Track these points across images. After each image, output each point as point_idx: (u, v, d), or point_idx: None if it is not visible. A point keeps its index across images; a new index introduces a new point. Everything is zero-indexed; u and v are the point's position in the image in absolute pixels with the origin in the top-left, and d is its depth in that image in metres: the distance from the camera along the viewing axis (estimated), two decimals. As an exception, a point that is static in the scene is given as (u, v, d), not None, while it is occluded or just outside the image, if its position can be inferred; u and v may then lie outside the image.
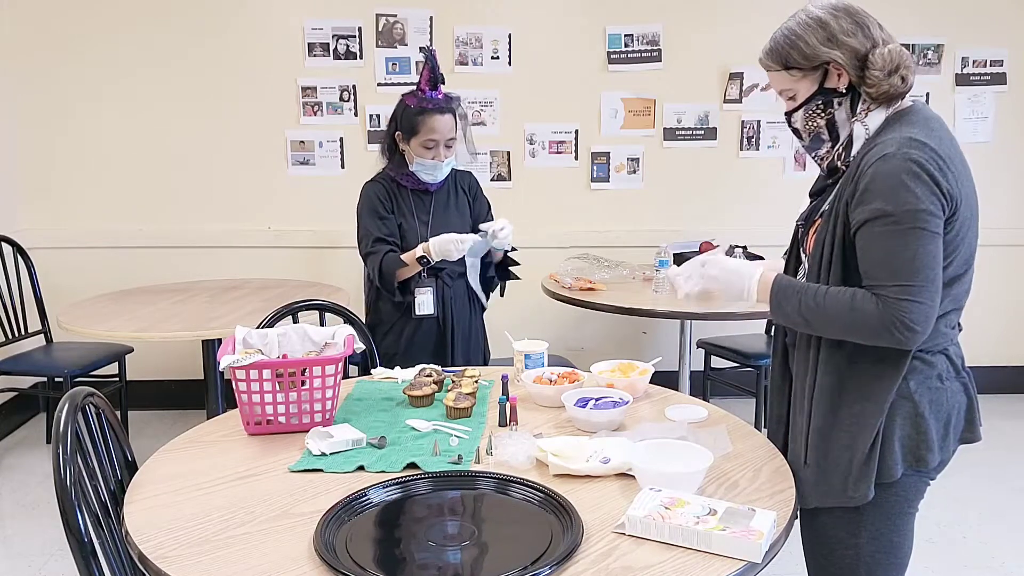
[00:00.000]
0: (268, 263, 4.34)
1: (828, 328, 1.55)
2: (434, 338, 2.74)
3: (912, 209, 1.43)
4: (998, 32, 4.34)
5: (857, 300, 1.49)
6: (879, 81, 1.54)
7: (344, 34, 4.23)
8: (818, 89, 1.60)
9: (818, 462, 1.60)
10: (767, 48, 1.64)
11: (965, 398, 1.62)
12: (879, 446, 1.54)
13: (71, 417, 1.53)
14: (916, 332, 1.46)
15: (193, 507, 1.49)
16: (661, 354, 2.83)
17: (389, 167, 2.71)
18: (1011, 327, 4.59)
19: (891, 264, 1.46)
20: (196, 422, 2.05)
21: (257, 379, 1.78)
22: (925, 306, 1.45)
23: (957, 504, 3.34)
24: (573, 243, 4.29)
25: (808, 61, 1.58)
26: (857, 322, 1.49)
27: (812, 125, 1.64)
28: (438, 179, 2.67)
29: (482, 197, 2.87)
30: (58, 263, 4.31)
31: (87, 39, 4.18)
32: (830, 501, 1.59)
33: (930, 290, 1.45)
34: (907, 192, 1.44)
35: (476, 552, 1.33)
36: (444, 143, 2.59)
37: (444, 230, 2.67)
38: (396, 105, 2.67)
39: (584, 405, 1.87)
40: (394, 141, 2.67)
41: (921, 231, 1.44)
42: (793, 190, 4.39)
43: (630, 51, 4.30)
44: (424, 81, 2.60)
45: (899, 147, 1.47)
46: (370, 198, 2.69)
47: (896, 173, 1.45)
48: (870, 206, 1.47)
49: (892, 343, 1.48)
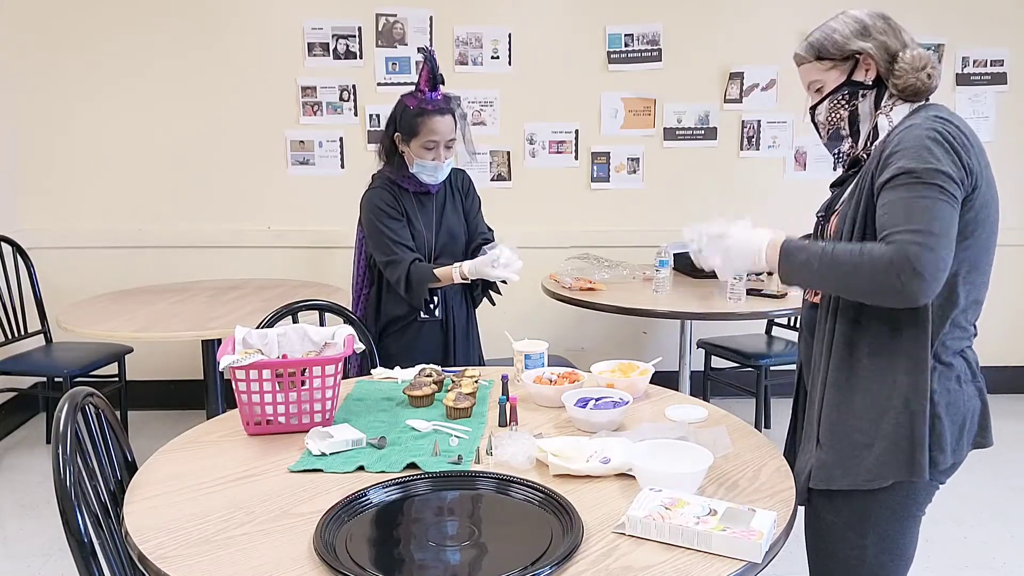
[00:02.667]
0: (268, 263, 4.34)
1: (837, 279, 1.50)
2: (437, 339, 2.74)
3: (933, 168, 1.46)
4: (998, 32, 4.34)
5: (867, 247, 1.48)
6: (907, 74, 1.59)
7: (344, 34, 4.23)
8: (845, 81, 1.64)
9: (833, 444, 1.59)
10: (804, 43, 1.69)
11: (979, 402, 1.62)
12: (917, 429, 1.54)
13: (71, 417, 1.53)
14: (922, 279, 1.40)
15: (193, 507, 1.49)
16: (661, 354, 2.83)
17: (388, 169, 2.67)
18: (1013, 327, 4.59)
19: (907, 212, 1.45)
20: (196, 422, 2.05)
21: (257, 379, 1.78)
22: (935, 255, 1.41)
23: (957, 504, 3.34)
24: (573, 243, 4.29)
25: (839, 50, 1.63)
26: (867, 267, 1.44)
27: (834, 117, 1.67)
28: (439, 180, 2.65)
29: (474, 193, 2.83)
30: (58, 263, 4.31)
31: (87, 39, 4.18)
32: (843, 482, 1.58)
33: (943, 243, 1.43)
34: (928, 153, 1.47)
35: (476, 552, 1.33)
36: (444, 144, 2.57)
37: (447, 232, 2.68)
38: (395, 106, 2.63)
39: (584, 405, 1.87)
40: (393, 143, 2.64)
41: (940, 189, 1.45)
42: (793, 190, 4.41)
43: (630, 51, 4.30)
44: (424, 82, 2.57)
45: (925, 120, 1.52)
46: (379, 205, 2.62)
47: (920, 138, 1.49)
48: (894, 166, 1.49)
49: (896, 290, 1.42)
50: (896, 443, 1.54)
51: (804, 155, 4.39)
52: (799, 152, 4.39)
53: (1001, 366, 4.59)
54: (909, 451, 1.54)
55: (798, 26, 4.27)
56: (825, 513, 1.64)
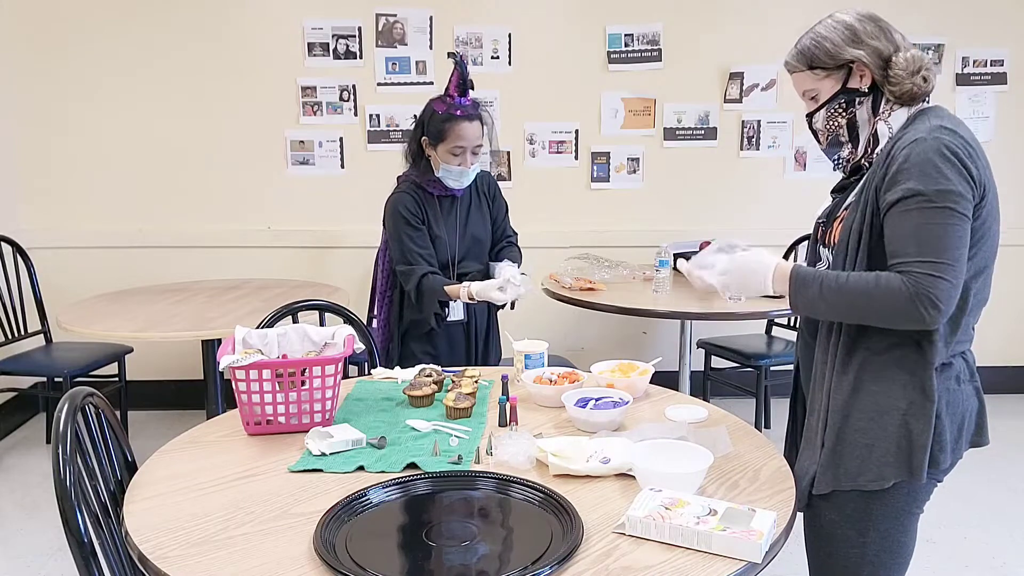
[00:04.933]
0: (268, 263, 4.34)
1: (850, 310, 1.53)
2: (460, 342, 2.75)
3: (943, 189, 1.45)
4: (998, 32, 4.34)
5: (882, 279, 1.49)
6: (902, 80, 1.57)
7: (344, 34, 4.23)
8: (841, 89, 1.62)
9: (836, 447, 1.59)
10: (793, 51, 1.68)
11: (976, 402, 1.63)
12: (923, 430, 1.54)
13: (71, 417, 1.52)
14: (940, 309, 1.45)
15: (193, 507, 1.49)
16: (661, 354, 2.83)
17: (414, 173, 2.67)
18: (1013, 327, 4.58)
19: (920, 241, 1.46)
20: (196, 422, 2.05)
21: (257, 379, 1.78)
22: (950, 284, 1.45)
23: (957, 504, 3.34)
24: (573, 243, 4.29)
25: (832, 60, 1.61)
26: (882, 300, 1.48)
27: (832, 125, 1.66)
28: (464, 185, 2.65)
29: (501, 199, 2.83)
30: (58, 263, 4.31)
31: (87, 39, 4.18)
32: (846, 484, 1.58)
33: (956, 269, 1.46)
34: (938, 174, 1.46)
35: (476, 552, 1.33)
36: (471, 150, 2.57)
37: (471, 236, 2.69)
38: (423, 110, 2.62)
39: (584, 405, 1.87)
40: (420, 146, 2.63)
41: (951, 211, 1.45)
42: (793, 190, 4.41)
43: (630, 51, 4.30)
44: (453, 87, 2.57)
45: (930, 132, 1.50)
46: (401, 211, 2.62)
47: (928, 155, 1.47)
48: (902, 186, 1.48)
49: (915, 321, 1.47)
50: (899, 444, 1.55)
51: (804, 155, 4.39)
52: (799, 152, 4.39)
53: (1001, 366, 4.59)
54: (911, 452, 1.54)
55: (798, 26, 4.23)
56: (826, 512, 1.64)
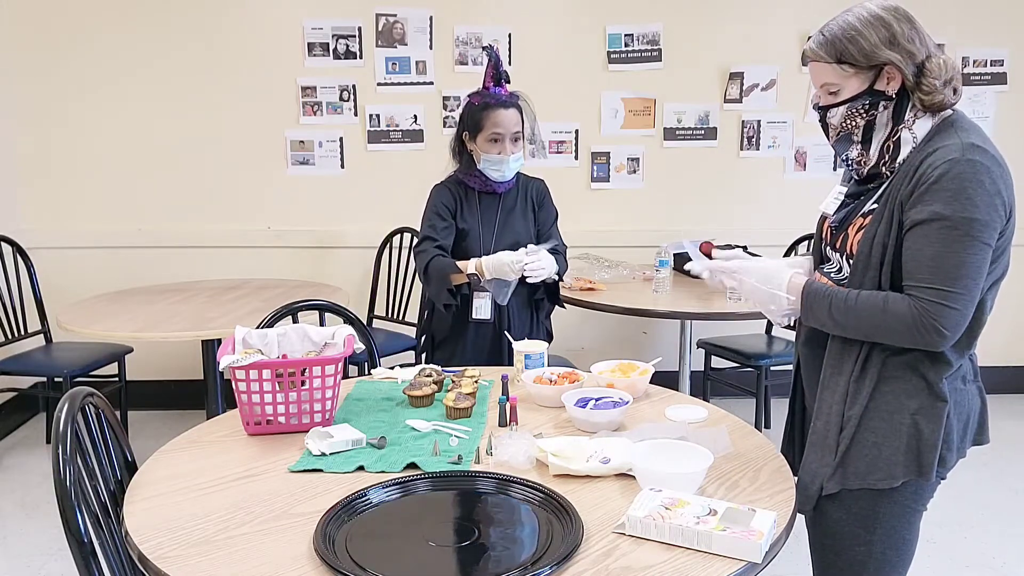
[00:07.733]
0: (268, 263, 4.34)
1: (859, 329, 1.55)
2: (489, 343, 2.69)
3: (969, 217, 1.43)
4: (998, 32, 4.34)
5: (890, 302, 1.50)
6: (935, 90, 1.51)
7: (344, 34, 4.23)
8: (867, 90, 1.55)
9: (847, 448, 1.59)
10: (820, 39, 1.56)
11: (980, 401, 1.64)
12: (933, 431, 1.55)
13: (71, 417, 1.52)
14: (945, 337, 1.47)
15: (193, 507, 1.49)
16: (661, 354, 2.83)
17: (458, 170, 2.68)
18: (1014, 328, 4.58)
19: (935, 266, 1.45)
20: (196, 422, 2.05)
21: (257, 379, 1.78)
22: (958, 313, 1.46)
23: (957, 504, 3.34)
24: (573, 243, 4.26)
25: (866, 59, 1.52)
26: (888, 323, 1.50)
27: (849, 124, 1.59)
28: (506, 176, 2.63)
29: (549, 206, 2.82)
30: (58, 263, 4.30)
31: (86, 39, 4.18)
32: (855, 483, 1.58)
33: (966, 299, 1.46)
34: (967, 200, 1.43)
35: (476, 552, 1.33)
36: (510, 137, 2.57)
37: (509, 236, 2.65)
38: (462, 107, 2.66)
39: (584, 405, 1.87)
40: (462, 143, 2.65)
41: (972, 240, 1.44)
42: (793, 190, 4.40)
43: (630, 51, 4.30)
44: (488, 78, 2.62)
45: (963, 153, 1.45)
46: (434, 201, 2.66)
47: (960, 180, 1.44)
48: (928, 207, 1.46)
49: (920, 344, 1.50)
50: (908, 443, 1.55)
51: (804, 155, 4.38)
52: (799, 152, 4.38)
53: (1003, 366, 4.59)
54: (921, 451, 1.55)
55: (798, 26, 4.27)
56: (833, 511, 1.63)
